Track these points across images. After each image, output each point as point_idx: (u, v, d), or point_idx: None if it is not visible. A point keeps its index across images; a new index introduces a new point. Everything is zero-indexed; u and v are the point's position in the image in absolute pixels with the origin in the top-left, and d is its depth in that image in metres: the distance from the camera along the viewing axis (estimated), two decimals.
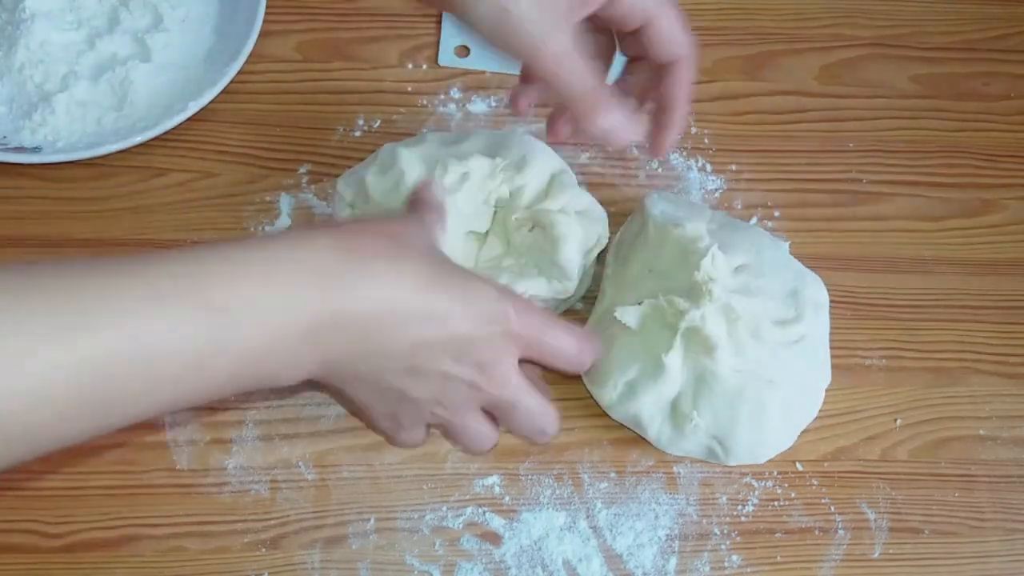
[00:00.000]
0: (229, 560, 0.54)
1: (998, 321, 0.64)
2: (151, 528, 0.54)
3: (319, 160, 0.65)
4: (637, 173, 0.66)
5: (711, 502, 0.57)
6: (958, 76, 0.72)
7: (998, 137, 0.70)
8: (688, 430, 0.54)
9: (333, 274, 0.40)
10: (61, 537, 0.54)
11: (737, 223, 0.61)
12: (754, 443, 0.54)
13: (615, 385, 0.55)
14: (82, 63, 0.64)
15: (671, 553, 0.56)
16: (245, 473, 0.56)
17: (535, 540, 0.56)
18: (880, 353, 0.62)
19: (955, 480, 0.59)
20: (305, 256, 0.40)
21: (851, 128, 0.70)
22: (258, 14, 0.66)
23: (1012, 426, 0.61)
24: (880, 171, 0.68)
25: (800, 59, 0.72)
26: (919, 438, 0.60)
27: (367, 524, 0.55)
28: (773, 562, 0.56)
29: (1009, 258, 0.66)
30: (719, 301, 0.53)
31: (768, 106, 0.70)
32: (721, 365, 0.53)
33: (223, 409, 0.57)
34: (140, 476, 0.55)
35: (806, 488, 0.58)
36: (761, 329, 0.53)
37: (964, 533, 0.58)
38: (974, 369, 0.62)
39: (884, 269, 0.65)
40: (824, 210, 0.67)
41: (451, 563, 0.55)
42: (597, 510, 0.57)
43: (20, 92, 0.64)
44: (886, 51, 0.73)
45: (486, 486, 0.57)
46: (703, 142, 0.68)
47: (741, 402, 0.53)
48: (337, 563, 0.54)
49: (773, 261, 0.57)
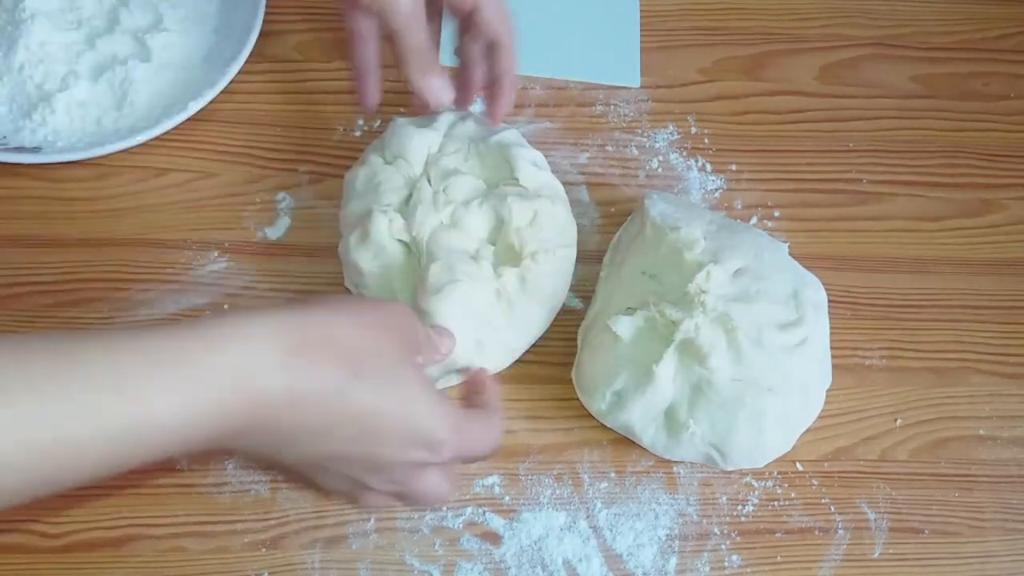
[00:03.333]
0: (229, 560, 0.54)
1: (998, 321, 0.64)
2: (151, 528, 0.54)
3: (319, 160, 0.65)
4: (637, 173, 0.66)
5: (711, 502, 0.57)
6: (958, 76, 0.72)
7: (998, 137, 0.70)
8: (685, 438, 0.53)
9: (262, 384, 0.37)
10: (61, 537, 0.54)
11: (736, 225, 0.60)
12: (753, 449, 0.54)
13: (603, 396, 0.55)
14: (82, 63, 0.64)
15: (671, 553, 0.56)
16: (245, 473, 0.56)
17: (535, 540, 0.56)
18: (880, 353, 0.62)
19: (955, 480, 0.59)
20: (238, 362, 0.37)
21: (851, 128, 0.70)
22: (258, 14, 0.66)
23: (1012, 426, 0.61)
24: (880, 171, 0.68)
25: (800, 59, 0.72)
26: (919, 438, 0.60)
27: (367, 524, 0.55)
28: (773, 562, 0.56)
29: (1009, 258, 0.66)
30: (713, 312, 0.53)
31: (768, 106, 0.70)
32: (717, 374, 0.52)
33: None
34: (140, 476, 0.55)
35: (806, 488, 0.58)
36: (763, 335, 0.53)
37: (964, 533, 0.58)
38: (974, 369, 0.62)
39: (884, 269, 0.65)
40: (824, 210, 0.67)
41: (451, 563, 0.55)
42: (597, 510, 0.56)
43: (20, 92, 0.64)
44: (886, 51, 0.73)
45: (486, 486, 0.57)
46: (703, 142, 0.68)
47: (739, 410, 0.53)
48: (337, 563, 0.54)
49: (773, 263, 0.57)
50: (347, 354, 0.39)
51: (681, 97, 0.69)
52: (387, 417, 0.40)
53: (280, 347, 0.37)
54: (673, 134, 0.68)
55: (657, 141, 0.68)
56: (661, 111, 0.69)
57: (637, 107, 0.69)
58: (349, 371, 0.39)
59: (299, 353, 0.38)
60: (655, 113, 0.69)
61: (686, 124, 0.68)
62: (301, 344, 0.38)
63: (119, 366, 0.35)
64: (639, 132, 0.68)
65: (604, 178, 0.66)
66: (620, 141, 0.67)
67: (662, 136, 0.68)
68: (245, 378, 0.37)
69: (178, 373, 0.36)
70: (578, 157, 0.66)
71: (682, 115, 0.69)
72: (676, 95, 0.69)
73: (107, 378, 0.35)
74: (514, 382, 0.59)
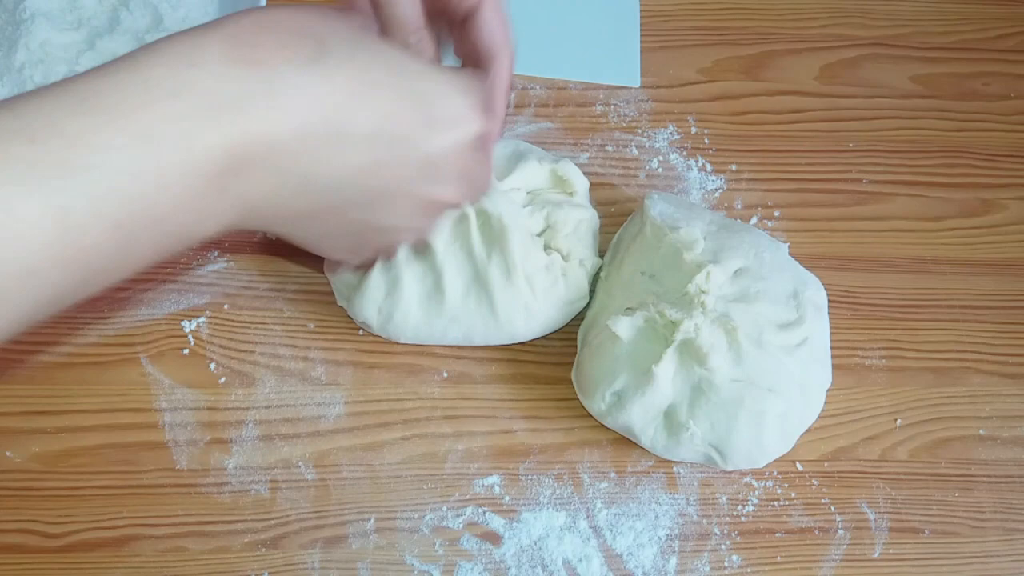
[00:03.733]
0: (229, 560, 0.54)
1: (998, 321, 0.64)
2: (151, 528, 0.54)
3: None
4: (637, 173, 0.66)
5: (711, 502, 0.57)
6: (958, 76, 0.73)
7: (998, 137, 0.70)
8: (684, 438, 0.54)
9: (229, 98, 0.32)
10: (61, 537, 0.54)
11: (736, 225, 0.60)
12: (752, 449, 0.54)
13: (603, 396, 0.55)
14: (82, 63, 0.64)
15: (671, 553, 0.56)
16: (245, 473, 0.56)
17: (535, 540, 0.56)
18: (880, 353, 0.62)
19: (955, 480, 0.59)
20: (189, 78, 0.31)
21: (851, 128, 0.70)
22: None
23: (1012, 426, 0.61)
24: (880, 171, 0.68)
25: (800, 59, 0.72)
26: (919, 438, 0.60)
27: (367, 524, 0.55)
28: (773, 562, 0.56)
29: (1009, 258, 0.66)
30: (713, 313, 0.53)
31: (768, 106, 0.70)
32: (717, 375, 0.52)
33: (223, 409, 0.57)
34: (140, 476, 0.55)
35: (806, 488, 0.58)
36: (763, 335, 0.53)
37: (964, 533, 0.58)
38: (974, 369, 0.62)
39: (884, 269, 0.65)
40: (824, 210, 0.67)
41: (451, 563, 0.55)
42: (597, 510, 0.57)
43: (20, 92, 0.64)
44: (886, 51, 0.73)
45: (486, 486, 0.57)
46: (703, 142, 0.68)
47: (739, 410, 0.53)
48: (337, 563, 0.54)
49: (773, 263, 0.57)
50: (300, 31, 0.34)
51: (681, 97, 0.69)
52: (386, 89, 0.34)
53: (227, 56, 0.32)
54: (673, 134, 0.68)
55: (657, 141, 0.68)
56: (661, 111, 0.69)
57: (637, 107, 0.69)
58: (311, 47, 0.33)
59: (247, 48, 0.32)
60: (655, 113, 0.69)
61: (686, 124, 0.68)
62: (247, 41, 0.33)
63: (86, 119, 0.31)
64: (639, 132, 0.68)
65: (604, 178, 0.66)
66: (620, 141, 0.67)
67: (662, 136, 0.68)
68: (226, 100, 0.32)
69: (141, 105, 0.31)
70: (578, 157, 0.66)
71: (682, 115, 0.69)
72: (676, 95, 0.69)
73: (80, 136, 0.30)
74: (514, 382, 0.59)
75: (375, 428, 0.58)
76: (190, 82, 0.31)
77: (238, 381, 0.58)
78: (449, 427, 0.58)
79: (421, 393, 0.59)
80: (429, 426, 0.58)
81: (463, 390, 0.59)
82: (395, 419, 0.58)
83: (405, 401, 0.58)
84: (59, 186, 0.29)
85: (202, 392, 0.57)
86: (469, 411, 0.58)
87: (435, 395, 0.59)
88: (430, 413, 0.58)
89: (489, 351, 0.60)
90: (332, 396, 0.58)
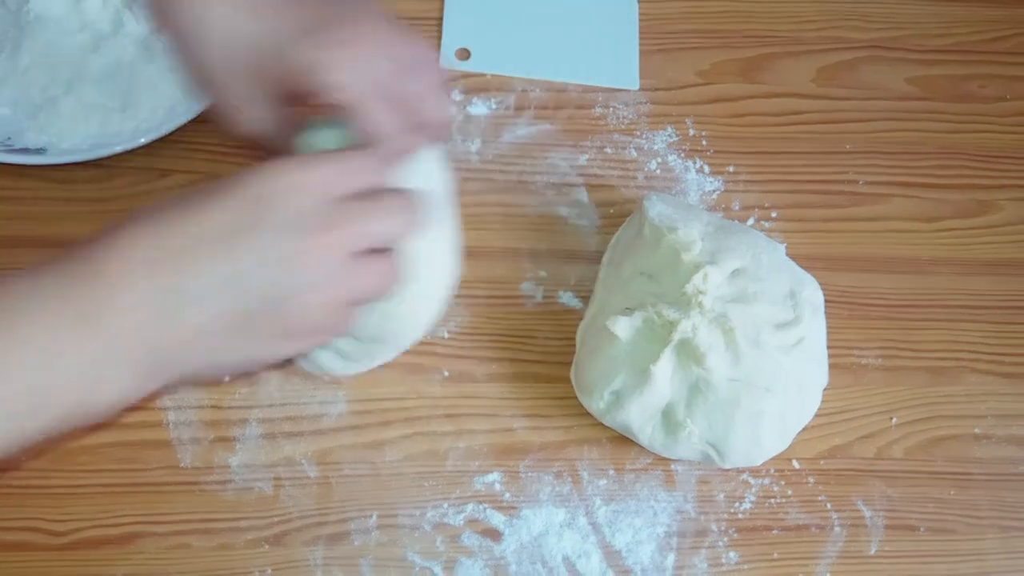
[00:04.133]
0: (232, 557, 0.55)
1: (994, 321, 0.65)
2: (155, 525, 0.55)
3: None
4: (636, 174, 0.67)
5: (709, 499, 0.58)
6: (954, 78, 0.73)
7: (993, 138, 0.71)
8: (682, 437, 0.54)
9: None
10: (65, 535, 0.54)
11: (734, 226, 0.61)
12: (750, 448, 0.54)
13: (601, 395, 0.55)
14: (87, 66, 0.65)
15: (669, 550, 0.56)
16: (248, 471, 0.56)
17: (535, 536, 0.56)
18: (876, 352, 0.63)
19: (951, 478, 0.60)
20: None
21: (848, 130, 0.70)
22: None
23: (1007, 424, 0.62)
24: (877, 172, 0.69)
25: (797, 62, 0.73)
26: (915, 436, 0.61)
27: (369, 521, 0.56)
28: (770, 559, 0.57)
29: (1005, 258, 0.67)
30: (711, 313, 0.53)
31: (766, 108, 0.70)
32: (715, 374, 0.53)
33: (227, 407, 0.58)
34: (144, 474, 0.56)
35: (803, 486, 0.59)
36: (760, 335, 0.54)
37: (960, 530, 0.59)
38: (970, 368, 0.63)
39: (880, 269, 0.65)
40: (821, 211, 0.67)
41: (452, 559, 0.55)
42: (596, 507, 0.57)
43: (25, 94, 0.64)
44: (882, 54, 0.73)
45: (487, 483, 0.57)
46: (701, 144, 0.68)
47: (736, 410, 0.53)
48: (339, 559, 0.55)
49: (770, 264, 0.57)
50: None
51: (679, 99, 0.70)
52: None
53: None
54: (671, 136, 0.68)
55: (656, 143, 0.68)
56: (659, 113, 0.69)
57: (636, 109, 0.69)
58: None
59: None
60: (654, 115, 0.69)
61: (684, 126, 0.69)
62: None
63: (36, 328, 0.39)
64: (638, 134, 0.68)
65: (603, 179, 0.67)
66: (619, 143, 0.68)
67: (660, 138, 0.68)
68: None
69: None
70: (577, 159, 0.67)
71: (680, 117, 0.69)
72: (674, 97, 0.70)
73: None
74: (514, 381, 0.60)
75: (377, 426, 0.58)
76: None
77: (241, 380, 0.58)
78: (450, 425, 0.58)
79: (422, 392, 0.59)
80: (430, 424, 0.58)
81: (464, 389, 0.59)
82: (397, 417, 0.58)
83: (407, 400, 0.59)
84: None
85: (206, 390, 0.58)
86: (470, 409, 0.59)
87: (436, 394, 0.59)
88: (431, 411, 0.59)
89: (490, 351, 0.60)
90: (334, 395, 0.58)
